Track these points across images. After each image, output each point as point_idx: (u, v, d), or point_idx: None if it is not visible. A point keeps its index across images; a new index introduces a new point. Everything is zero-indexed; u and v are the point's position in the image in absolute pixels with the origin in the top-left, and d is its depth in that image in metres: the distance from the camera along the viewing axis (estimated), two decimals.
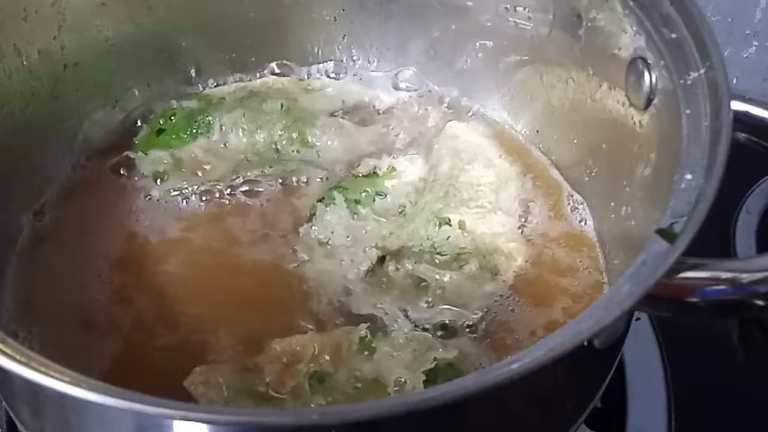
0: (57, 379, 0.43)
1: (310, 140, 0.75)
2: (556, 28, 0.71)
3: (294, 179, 0.74)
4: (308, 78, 0.81)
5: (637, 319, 0.74)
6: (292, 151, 0.74)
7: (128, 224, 0.71)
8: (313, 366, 0.59)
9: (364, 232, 0.69)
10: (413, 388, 0.58)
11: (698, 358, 0.75)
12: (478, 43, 0.77)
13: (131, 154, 0.74)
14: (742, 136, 0.57)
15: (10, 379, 0.54)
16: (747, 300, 0.51)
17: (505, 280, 0.67)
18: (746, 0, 0.99)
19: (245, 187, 0.73)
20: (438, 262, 0.68)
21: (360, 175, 0.73)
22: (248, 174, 0.73)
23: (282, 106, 0.75)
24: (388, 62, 0.81)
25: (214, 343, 0.63)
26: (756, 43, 1.03)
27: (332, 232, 0.69)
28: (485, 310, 0.66)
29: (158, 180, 0.73)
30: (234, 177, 0.73)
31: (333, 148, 0.75)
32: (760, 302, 0.51)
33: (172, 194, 0.73)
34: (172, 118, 0.75)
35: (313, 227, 0.70)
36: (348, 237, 0.69)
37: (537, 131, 0.77)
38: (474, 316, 0.65)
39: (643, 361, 0.73)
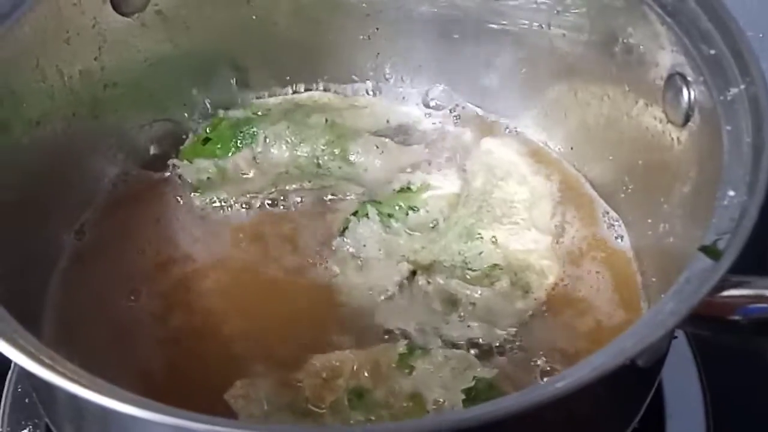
0: (105, 395, 0.44)
1: (351, 157, 0.75)
2: (591, 46, 0.71)
3: (333, 195, 0.74)
4: (354, 95, 0.81)
5: (675, 337, 0.73)
6: (334, 167, 0.75)
7: (167, 239, 0.72)
8: (352, 382, 0.60)
9: (396, 245, 0.69)
10: (452, 406, 0.58)
11: (737, 376, 0.74)
12: (511, 61, 0.77)
13: (177, 162, 0.75)
14: None
15: (55, 396, 0.55)
16: None
17: (536, 297, 0.67)
18: None
19: (284, 200, 0.74)
20: (469, 277, 0.68)
21: (394, 190, 0.73)
22: (288, 187, 0.74)
23: (326, 121, 0.76)
24: (422, 81, 0.82)
25: (253, 357, 0.64)
26: None
27: (364, 246, 0.70)
28: (517, 327, 0.65)
29: (200, 190, 0.74)
30: (274, 189, 0.74)
31: (374, 167, 0.75)
32: None
33: (213, 205, 0.74)
34: (219, 127, 0.76)
35: (346, 240, 0.70)
36: (380, 250, 0.69)
37: (571, 148, 0.77)
38: (503, 333, 0.65)
39: (682, 380, 0.72)
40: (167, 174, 0.76)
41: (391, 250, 0.69)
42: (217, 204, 0.74)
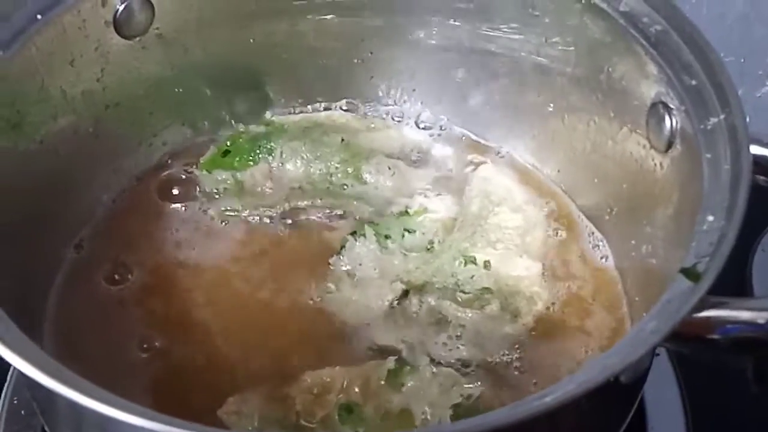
0: (111, 405, 0.45)
1: (363, 177, 0.76)
2: (578, 74, 0.73)
3: (342, 213, 0.76)
4: (372, 117, 0.83)
5: (657, 354, 0.75)
6: (346, 185, 0.76)
7: (166, 252, 0.73)
8: (342, 397, 0.61)
9: (391, 265, 0.71)
10: (440, 421, 0.59)
11: (717, 392, 0.76)
12: (502, 86, 0.79)
13: (196, 172, 0.77)
14: (761, 179, 0.59)
15: (56, 405, 0.56)
16: (765, 338, 0.53)
17: (525, 323, 0.69)
18: (759, 41, 1.01)
19: (294, 216, 0.76)
20: (460, 300, 0.69)
21: (393, 213, 0.75)
22: (300, 203, 0.76)
23: (342, 140, 0.78)
24: (415, 104, 0.83)
25: (246, 373, 0.65)
26: None
27: (360, 264, 0.71)
28: (504, 350, 0.67)
29: (216, 200, 0.76)
30: (286, 205, 0.76)
31: (385, 187, 0.76)
32: None
33: (220, 218, 0.75)
34: (238, 141, 0.78)
35: (343, 258, 0.72)
36: (375, 270, 0.71)
37: (558, 171, 0.79)
38: (491, 356, 0.67)
39: (663, 395, 0.73)
40: (166, 189, 0.77)
41: (385, 270, 0.71)
42: (229, 215, 0.75)
